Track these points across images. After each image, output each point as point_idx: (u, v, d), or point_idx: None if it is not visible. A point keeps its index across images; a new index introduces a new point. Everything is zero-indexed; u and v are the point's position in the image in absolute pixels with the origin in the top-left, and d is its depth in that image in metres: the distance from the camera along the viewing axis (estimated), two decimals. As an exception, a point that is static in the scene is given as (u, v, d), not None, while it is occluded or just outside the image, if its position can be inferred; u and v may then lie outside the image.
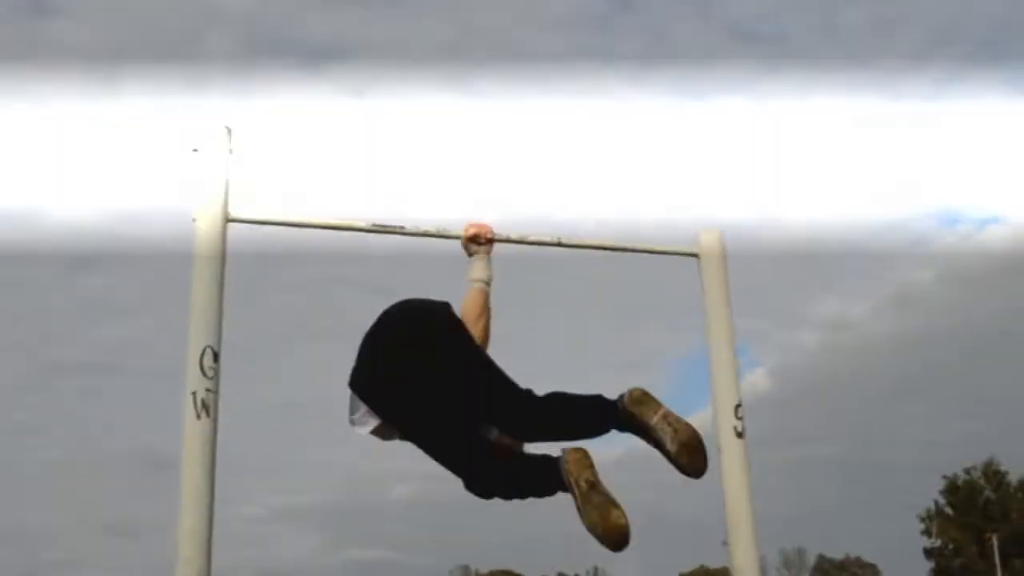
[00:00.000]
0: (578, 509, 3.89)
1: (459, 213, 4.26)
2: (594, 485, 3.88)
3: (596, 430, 4.14)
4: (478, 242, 4.44)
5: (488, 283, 4.49)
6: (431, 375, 4.10)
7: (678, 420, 4.01)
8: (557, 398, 4.14)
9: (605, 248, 4.70)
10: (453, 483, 4.33)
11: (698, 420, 4.16)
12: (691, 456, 3.99)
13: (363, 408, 4.19)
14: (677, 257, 4.81)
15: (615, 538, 3.84)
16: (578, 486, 3.88)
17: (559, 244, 4.55)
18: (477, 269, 4.46)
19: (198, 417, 3.85)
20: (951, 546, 64.10)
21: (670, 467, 4.02)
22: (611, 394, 4.11)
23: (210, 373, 3.90)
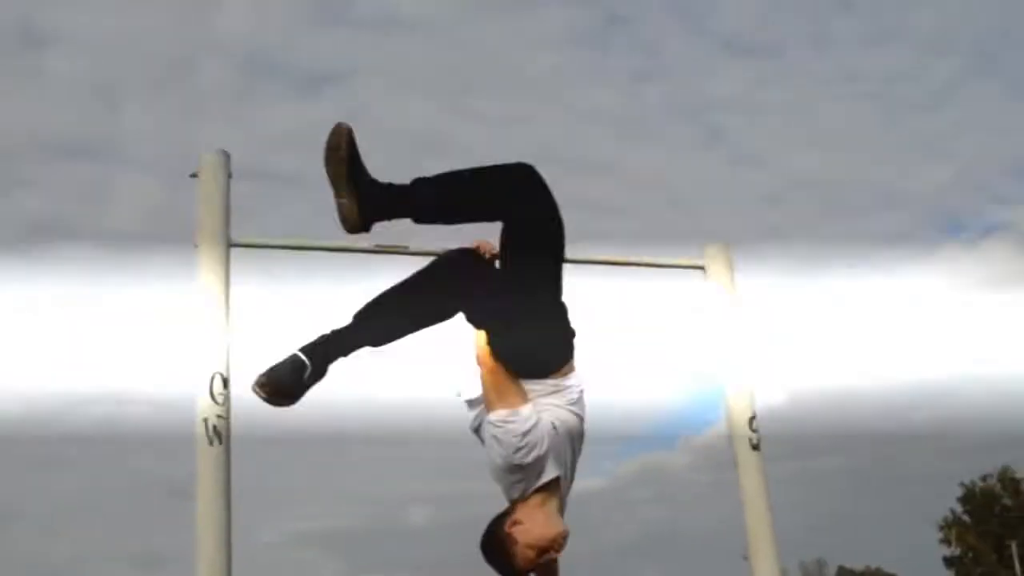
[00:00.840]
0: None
1: (463, 232, 4.21)
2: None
3: None
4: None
5: None
6: None
7: None
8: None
9: (610, 263, 4.67)
10: (471, 504, 4.27)
11: (713, 434, 4.13)
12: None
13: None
14: (683, 270, 4.80)
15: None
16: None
17: (564, 260, 4.51)
18: None
19: (211, 443, 3.82)
20: (970, 554, 63.80)
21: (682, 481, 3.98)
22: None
23: (220, 399, 3.86)
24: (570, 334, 4.08)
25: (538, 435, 3.73)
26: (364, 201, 3.88)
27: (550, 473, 3.79)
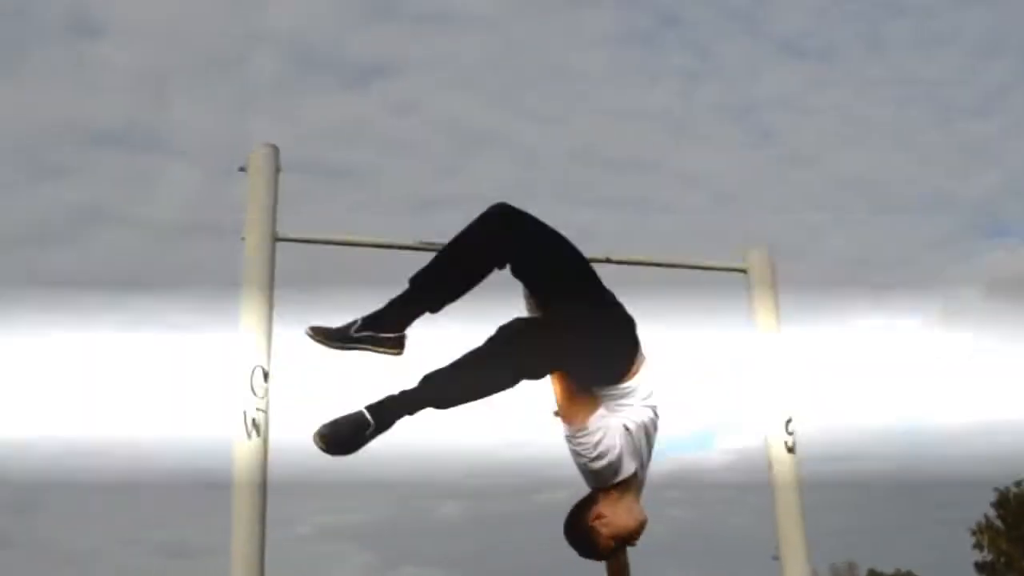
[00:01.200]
0: None
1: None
2: None
3: None
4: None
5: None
6: None
7: None
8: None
9: (654, 264, 4.66)
10: (501, 500, 4.30)
11: (750, 435, 4.15)
12: None
13: None
14: (726, 274, 4.81)
15: None
16: None
17: (608, 260, 4.52)
18: None
19: (248, 436, 3.83)
20: (1003, 560, 63.38)
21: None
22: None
23: (260, 392, 3.88)
24: (628, 335, 4.13)
25: (609, 443, 3.98)
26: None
27: (627, 470, 4.03)
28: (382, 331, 3.98)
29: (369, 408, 3.83)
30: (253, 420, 3.85)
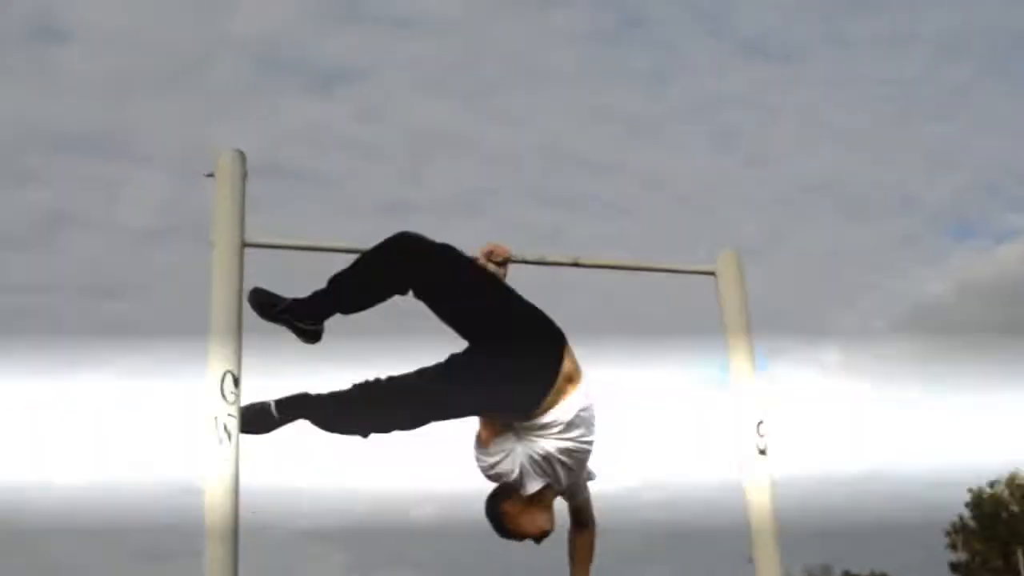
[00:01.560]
0: None
1: (476, 233, 4.24)
2: None
3: None
4: (494, 260, 4.41)
5: None
6: None
7: None
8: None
9: (622, 267, 4.68)
10: (476, 503, 4.39)
11: (723, 439, 4.18)
12: None
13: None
14: (695, 276, 4.82)
15: None
16: None
17: (576, 264, 4.53)
18: None
19: (220, 442, 3.84)
20: (977, 560, 63.69)
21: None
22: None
23: (231, 398, 3.88)
24: (543, 369, 4.25)
25: (507, 467, 4.29)
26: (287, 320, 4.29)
27: (531, 488, 4.30)
28: (300, 319, 4.28)
29: (278, 403, 4.26)
30: (224, 425, 3.85)
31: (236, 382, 3.90)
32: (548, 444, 4.24)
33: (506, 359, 4.19)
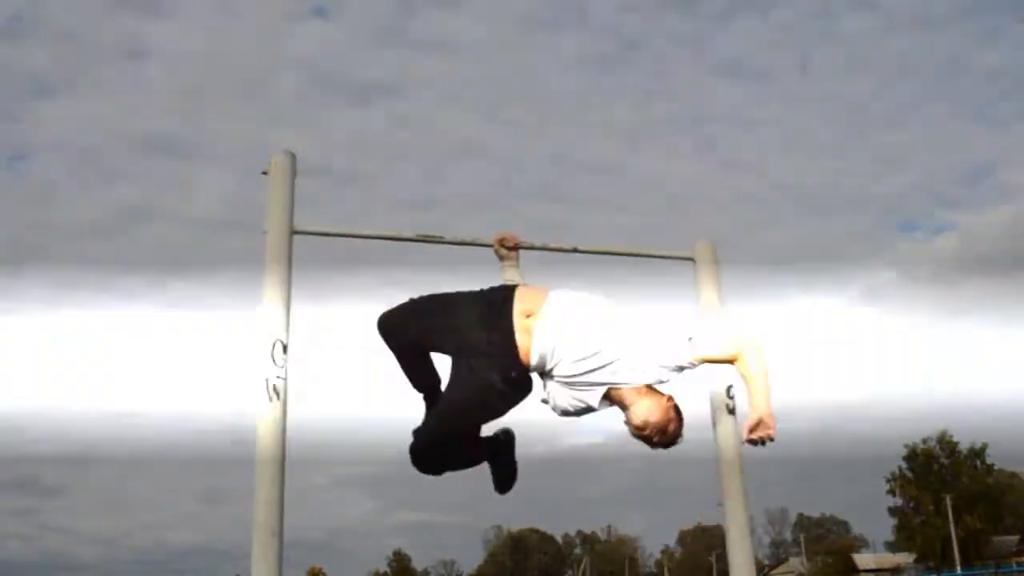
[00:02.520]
0: None
1: (491, 224, 4.24)
2: None
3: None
4: (506, 246, 4.38)
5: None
6: None
7: None
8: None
9: (615, 253, 4.68)
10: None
11: (697, 399, 4.15)
12: None
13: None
14: (676, 262, 4.82)
15: None
16: None
17: (575, 250, 4.54)
18: (510, 275, 4.33)
19: (270, 400, 3.87)
20: (912, 505, 63.84)
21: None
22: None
23: (280, 363, 3.91)
24: (495, 317, 3.89)
25: (563, 403, 3.86)
26: None
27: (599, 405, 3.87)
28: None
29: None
30: (274, 387, 3.88)
31: (284, 349, 3.93)
32: (559, 370, 3.81)
33: (471, 344, 3.88)
